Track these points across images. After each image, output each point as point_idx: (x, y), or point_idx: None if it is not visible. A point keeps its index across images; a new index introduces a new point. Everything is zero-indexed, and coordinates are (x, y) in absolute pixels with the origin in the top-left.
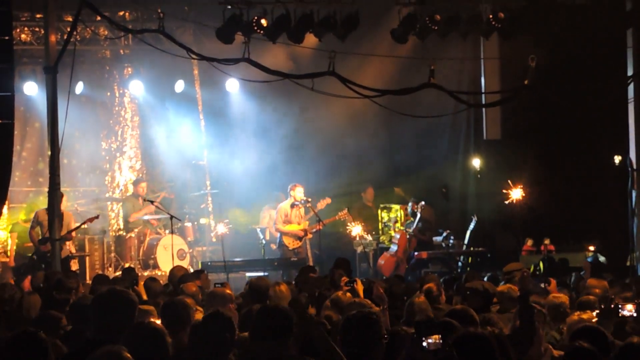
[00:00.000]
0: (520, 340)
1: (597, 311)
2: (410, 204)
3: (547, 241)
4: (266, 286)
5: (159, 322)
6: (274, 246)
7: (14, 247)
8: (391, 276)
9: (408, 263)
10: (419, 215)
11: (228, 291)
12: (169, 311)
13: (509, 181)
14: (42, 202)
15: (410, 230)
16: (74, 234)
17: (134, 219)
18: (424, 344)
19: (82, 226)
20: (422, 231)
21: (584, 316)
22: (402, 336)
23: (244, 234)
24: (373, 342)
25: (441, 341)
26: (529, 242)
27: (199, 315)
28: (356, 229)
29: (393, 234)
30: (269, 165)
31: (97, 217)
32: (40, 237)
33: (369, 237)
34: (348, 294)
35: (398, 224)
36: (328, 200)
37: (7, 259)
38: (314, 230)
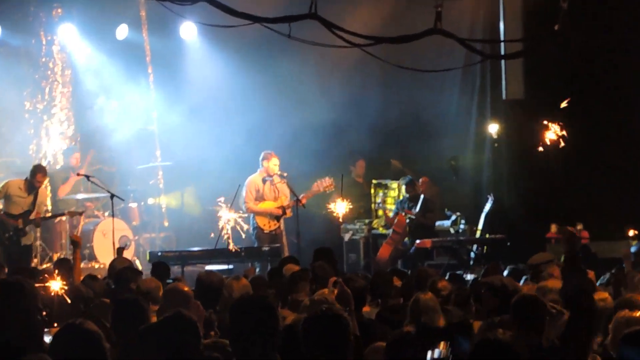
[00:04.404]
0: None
1: None
2: (403, 182)
3: (579, 226)
4: (219, 282)
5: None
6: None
7: None
8: (385, 269)
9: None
10: (422, 196)
11: (186, 288)
12: (119, 310)
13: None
14: None
15: (409, 212)
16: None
17: (65, 195)
18: (429, 357)
19: (60, 218)
20: (426, 211)
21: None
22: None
23: (202, 216)
24: (340, 343)
25: (450, 351)
26: (553, 229)
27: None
28: (340, 207)
29: (383, 214)
30: (233, 131)
31: (80, 213)
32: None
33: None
34: (325, 291)
35: (388, 203)
36: (328, 184)
37: None
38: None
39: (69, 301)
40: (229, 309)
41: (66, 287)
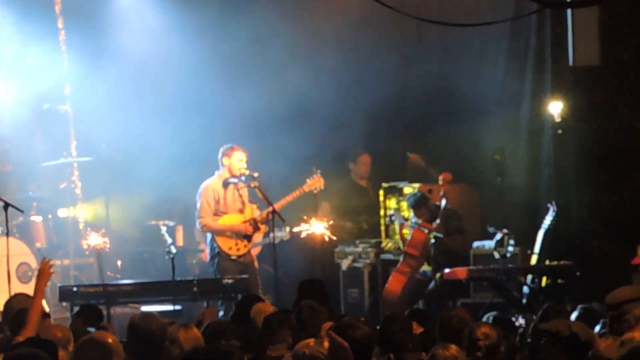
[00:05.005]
0: None
1: None
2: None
3: None
4: (160, 330)
5: None
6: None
7: None
8: (399, 310)
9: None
10: (444, 202)
11: (110, 339)
12: None
13: None
14: None
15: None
16: None
17: None
18: None
19: None
20: (450, 231)
21: None
22: None
23: (138, 237)
24: None
25: None
26: None
27: None
28: (316, 227)
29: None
30: (179, 114)
31: None
32: None
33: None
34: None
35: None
36: (318, 182)
37: None
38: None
39: None
40: None
41: None
